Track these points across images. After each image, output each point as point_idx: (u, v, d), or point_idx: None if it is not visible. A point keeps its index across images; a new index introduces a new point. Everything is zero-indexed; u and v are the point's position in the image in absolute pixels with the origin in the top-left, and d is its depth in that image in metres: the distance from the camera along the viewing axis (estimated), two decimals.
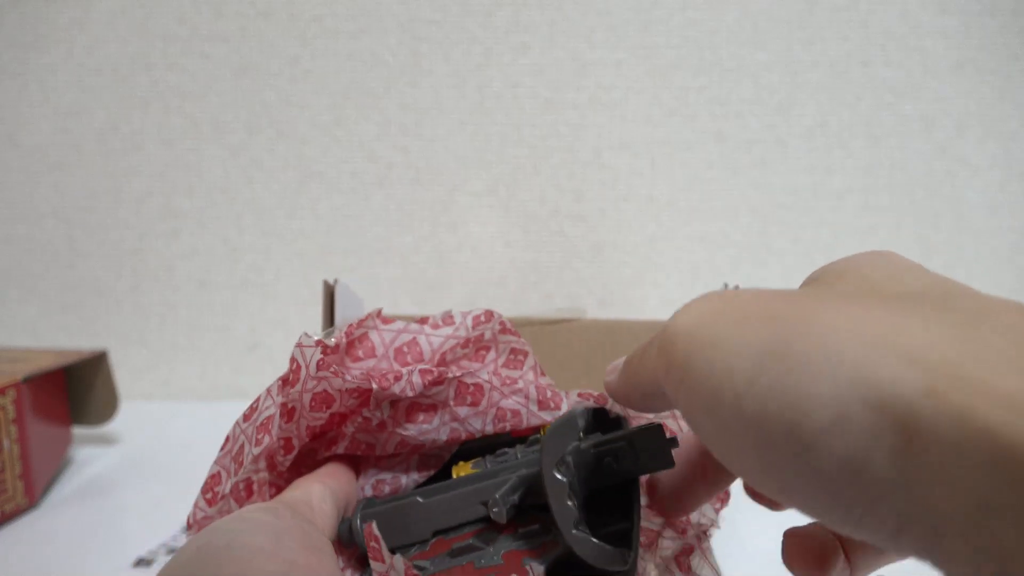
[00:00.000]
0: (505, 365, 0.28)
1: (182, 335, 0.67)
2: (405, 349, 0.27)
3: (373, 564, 0.21)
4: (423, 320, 0.28)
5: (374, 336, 0.27)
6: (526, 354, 0.28)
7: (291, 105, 0.63)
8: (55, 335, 0.68)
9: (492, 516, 0.24)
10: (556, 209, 0.64)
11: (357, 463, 0.28)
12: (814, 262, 0.69)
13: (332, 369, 0.25)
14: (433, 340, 0.27)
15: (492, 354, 0.28)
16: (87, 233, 0.66)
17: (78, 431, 0.56)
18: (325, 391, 0.25)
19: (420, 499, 0.25)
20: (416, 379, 0.26)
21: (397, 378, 0.25)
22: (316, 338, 0.25)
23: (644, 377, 0.20)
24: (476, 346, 0.28)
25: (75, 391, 0.54)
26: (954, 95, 0.62)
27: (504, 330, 0.28)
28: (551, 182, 0.64)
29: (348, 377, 0.25)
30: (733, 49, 0.61)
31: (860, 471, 0.13)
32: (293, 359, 0.25)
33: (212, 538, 0.20)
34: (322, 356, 0.24)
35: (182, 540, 0.42)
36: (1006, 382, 0.12)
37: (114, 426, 0.58)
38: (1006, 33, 0.60)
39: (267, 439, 0.25)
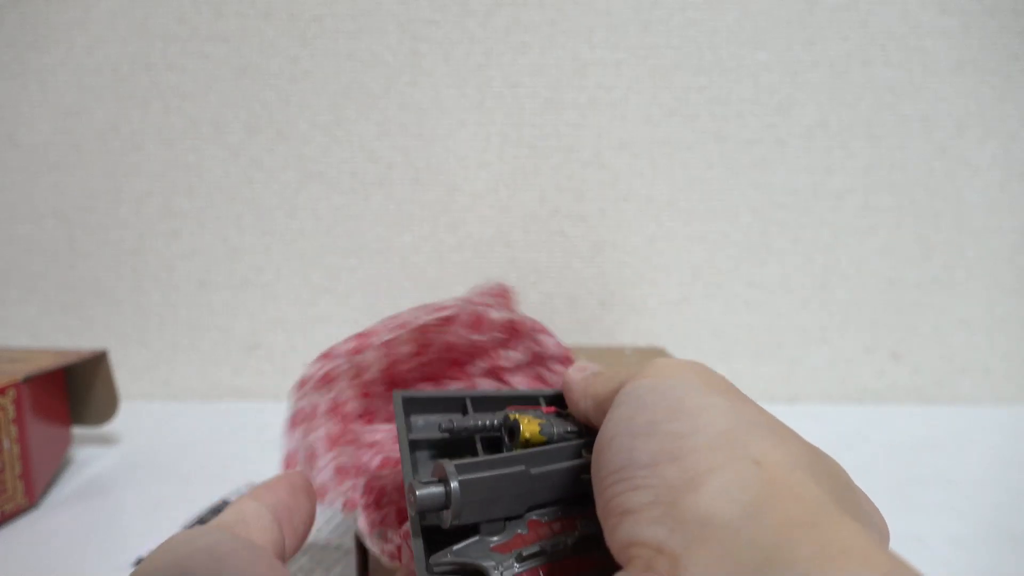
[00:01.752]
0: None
1: (182, 335, 0.67)
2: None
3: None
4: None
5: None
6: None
7: (291, 105, 0.63)
8: (55, 335, 0.68)
9: None
10: (556, 209, 0.64)
11: (302, 477, 0.28)
12: (814, 262, 0.69)
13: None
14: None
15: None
16: (87, 233, 0.66)
17: (78, 431, 0.56)
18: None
19: (531, 470, 0.24)
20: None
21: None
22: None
23: (606, 390, 0.24)
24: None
25: (75, 391, 0.54)
26: (954, 95, 0.62)
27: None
28: (551, 182, 0.64)
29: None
30: (733, 49, 0.61)
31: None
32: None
33: (188, 566, 0.20)
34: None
35: None
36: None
37: (114, 426, 0.58)
38: (1006, 33, 0.60)
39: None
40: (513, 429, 0.26)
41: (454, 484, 0.22)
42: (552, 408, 0.28)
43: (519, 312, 0.32)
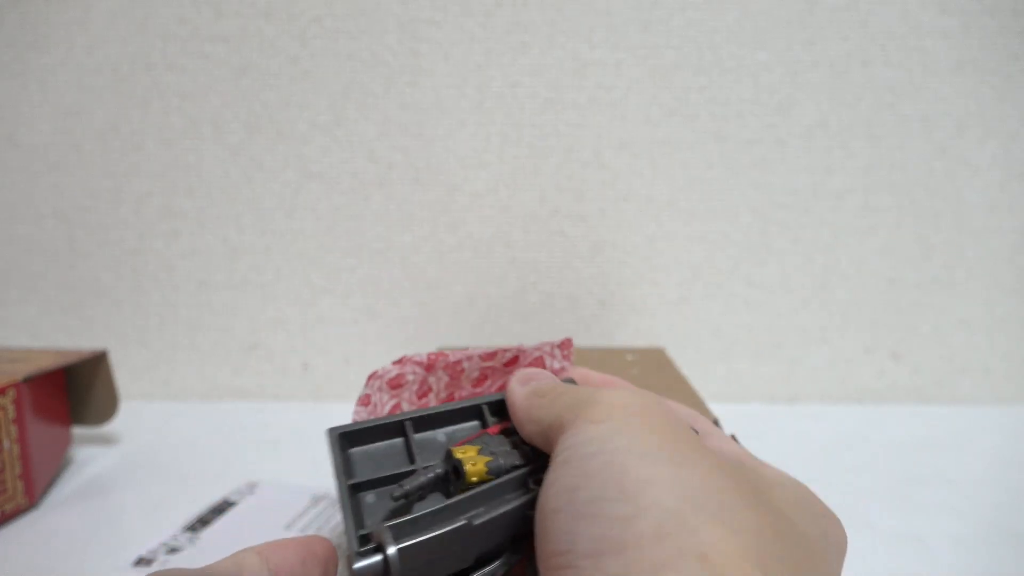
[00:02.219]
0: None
1: (182, 335, 0.67)
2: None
3: None
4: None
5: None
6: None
7: (291, 105, 0.63)
8: (55, 335, 0.68)
9: None
10: (556, 209, 0.64)
11: (324, 545, 0.28)
12: (814, 262, 0.69)
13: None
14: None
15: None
16: (87, 233, 0.66)
17: (78, 431, 0.56)
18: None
19: (473, 521, 0.22)
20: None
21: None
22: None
23: (551, 417, 0.23)
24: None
25: (75, 391, 0.54)
26: (954, 95, 0.62)
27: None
28: (551, 182, 0.64)
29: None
30: (733, 49, 0.61)
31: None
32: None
33: None
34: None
35: (182, 539, 0.42)
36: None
37: (114, 426, 0.58)
38: (1006, 33, 0.60)
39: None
40: (457, 468, 0.25)
41: (392, 552, 0.21)
42: (496, 428, 0.27)
43: (571, 364, 0.34)
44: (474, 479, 0.25)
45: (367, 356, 0.67)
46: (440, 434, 0.28)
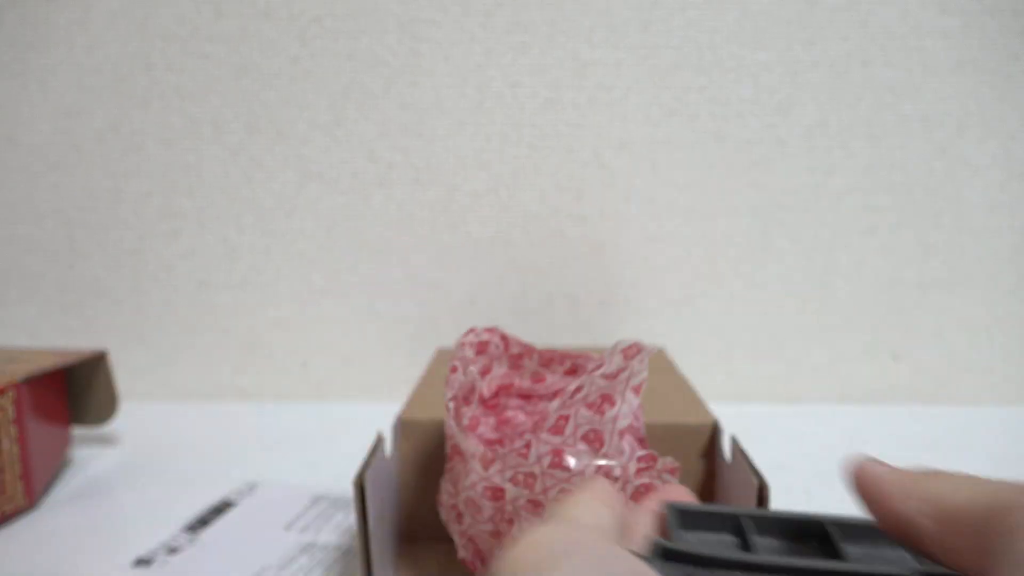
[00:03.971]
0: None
1: (182, 335, 0.67)
2: None
3: None
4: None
5: None
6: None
7: (291, 105, 0.63)
8: (55, 335, 0.68)
9: None
10: (556, 209, 0.64)
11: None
12: (814, 262, 0.69)
13: None
14: None
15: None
16: (87, 233, 0.66)
17: (78, 431, 0.56)
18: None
19: None
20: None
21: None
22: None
23: (961, 503, 0.17)
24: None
25: (75, 391, 0.54)
26: (954, 95, 0.62)
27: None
28: (551, 182, 0.64)
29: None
30: (733, 49, 0.61)
31: None
32: None
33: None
34: None
35: (182, 540, 0.42)
36: None
37: (114, 426, 0.58)
38: (1006, 33, 0.60)
39: None
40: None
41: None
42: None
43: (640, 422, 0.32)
44: None
45: (367, 356, 0.67)
46: (770, 540, 0.23)
